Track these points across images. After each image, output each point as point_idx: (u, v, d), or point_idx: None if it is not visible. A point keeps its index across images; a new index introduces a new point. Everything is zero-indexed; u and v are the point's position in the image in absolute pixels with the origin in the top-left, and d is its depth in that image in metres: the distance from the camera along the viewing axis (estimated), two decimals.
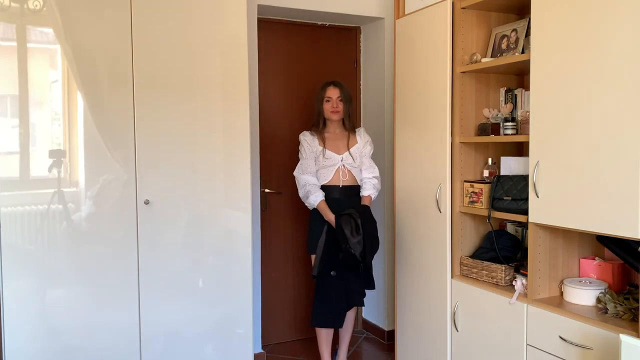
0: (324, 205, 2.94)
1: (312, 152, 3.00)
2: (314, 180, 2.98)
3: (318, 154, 3.00)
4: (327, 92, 3.02)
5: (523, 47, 2.52)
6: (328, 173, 3.00)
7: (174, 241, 2.72)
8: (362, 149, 3.05)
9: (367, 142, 3.09)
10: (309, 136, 3.04)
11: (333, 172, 2.99)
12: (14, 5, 2.41)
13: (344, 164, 3.00)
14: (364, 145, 3.07)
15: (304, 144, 3.02)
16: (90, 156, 2.55)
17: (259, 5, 3.30)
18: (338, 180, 3.00)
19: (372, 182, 3.05)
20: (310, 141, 3.02)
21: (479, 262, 2.63)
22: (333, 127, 3.06)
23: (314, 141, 3.02)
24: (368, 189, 3.04)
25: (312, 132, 3.05)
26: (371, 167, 3.07)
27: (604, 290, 2.20)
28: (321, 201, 2.94)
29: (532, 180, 2.24)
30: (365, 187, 3.04)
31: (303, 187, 2.98)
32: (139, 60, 2.61)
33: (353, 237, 2.79)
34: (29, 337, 2.49)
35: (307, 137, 3.04)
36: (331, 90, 3.02)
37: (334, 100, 3.01)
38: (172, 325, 2.73)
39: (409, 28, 3.00)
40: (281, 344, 3.72)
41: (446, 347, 2.79)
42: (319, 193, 2.95)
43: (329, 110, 3.01)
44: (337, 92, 3.01)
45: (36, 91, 2.49)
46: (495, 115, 2.69)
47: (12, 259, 2.44)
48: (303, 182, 2.98)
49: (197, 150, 2.74)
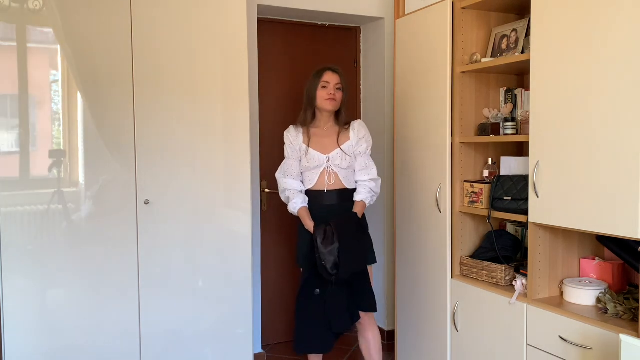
0: (304, 212, 2.61)
1: (296, 150, 2.65)
2: (295, 184, 2.65)
3: (302, 153, 2.64)
4: (324, 77, 2.61)
5: (523, 47, 2.52)
6: (312, 176, 2.62)
7: (174, 241, 2.72)
8: (355, 146, 2.64)
9: (362, 138, 2.66)
10: (293, 132, 2.68)
11: (317, 175, 2.61)
12: (14, 5, 2.41)
13: (330, 165, 2.61)
14: (358, 141, 2.64)
15: (287, 141, 2.68)
16: (90, 156, 2.55)
17: (259, 5, 3.30)
18: (323, 184, 2.62)
19: (367, 185, 2.65)
20: (294, 138, 2.66)
21: (479, 262, 2.63)
22: (324, 120, 2.67)
23: (298, 138, 2.65)
24: (361, 193, 2.64)
25: (297, 127, 2.69)
26: (366, 168, 2.66)
27: (604, 290, 2.20)
28: (301, 208, 2.61)
29: (532, 180, 2.24)
30: (358, 191, 2.65)
31: (283, 192, 2.68)
32: (139, 60, 2.61)
33: (324, 247, 2.43)
34: (29, 336, 2.49)
35: (290, 134, 2.68)
36: (329, 75, 2.62)
37: (332, 87, 2.61)
38: (172, 325, 2.73)
39: (409, 28, 3.00)
40: (281, 344, 3.72)
41: (446, 347, 2.79)
42: (299, 198, 2.62)
43: (324, 98, 2.60)
44: (337, 79, 2.63)
45: (36, 91, 2.49)
46: (495, 115, 2.69)
47: (12, 259, 2.44)
48: (283, 186, 2.67)
49: (197, 150, 2.74)
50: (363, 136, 2.66)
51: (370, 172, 2.67)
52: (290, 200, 2.64)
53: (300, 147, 2.64)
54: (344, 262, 2.44)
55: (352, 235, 2.50)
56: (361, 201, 2.64)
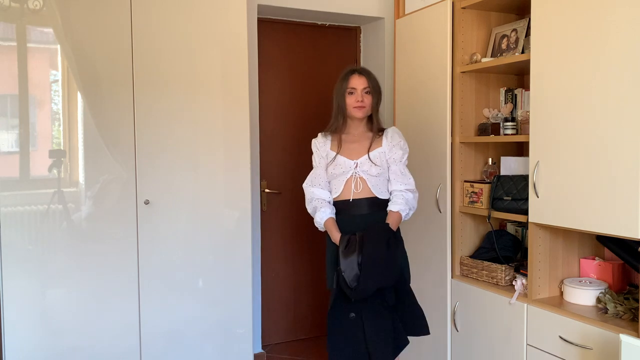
0: (331, 223, 2.33)
1: (323, 158, 2.40)
2: (323, 194, 2.38)
3: (329, 160, 2.38)
4: (350, 82, 2.34)
5: (523, 47, 2.52)
6: (338, 184, 2.36)
7: (174, 241, 2.72)
8: (388, 153, 2.37)
9: (396, 144, 2.38)
10: (320, 139, 2.44)
11: (344, 183, 2.34)
12: (14, 5, 2.41)
13: (358, 172, 2.34)
14: (391, 148, 2.37)
15: (314, 149, 2.45)
16: (90, 156, 2.55)
17: (259, 5, 3.30)
18: (349, 192, 2.34)
19: (403, 195, 2.34)
20: (321, 145, 2.42)
21: (479, 262, 2.63)
22: (354, 125, 2.41)
23: (326, 144, 2.41)
24: (397, 203, 2.32)
25: (325, 134, 2.45)
26: (402, 177, 2.37)
27: (604, 290, 2.20)
28: (329, 219, 2.33)
29: (532, 180, 2.24)
30: (394, 201, 2.34)
31: (310, 202, 2.41)
32: (139, 60, 2.61)
33: (344, 257, 2.16)
34: (29, 336, 2.48)
35: (317, 141, 2.45)
36: (355, 79, 2.35)
37: (359, 92, 2.34)
38: (172, 325, 2.73)
39: (409, 28, 3.00)
40: (281, 344, 3.72)
41: (446, 347, 2.79)
42: (326, 209, 2.35)
43: (352, 106, 2.34)
44: (364, 82, 2.34)
45: (36, 91, 2.49)
46: (495, 115, 2.69)
47: (12, 259, 2.44)
48: (310, 196, 2.41)
49: (197, 150, 2.74)
50: (397, 143, 2.38)
51: (408, 182, 2.38)
52: (317, 211, 2.36)
53: (328, 154, 2.39)
54: (365, 274, 2.13)
55: (380, 246, 2.17)
56: (396, 212, 2.32)
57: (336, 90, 2.39)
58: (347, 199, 2.34)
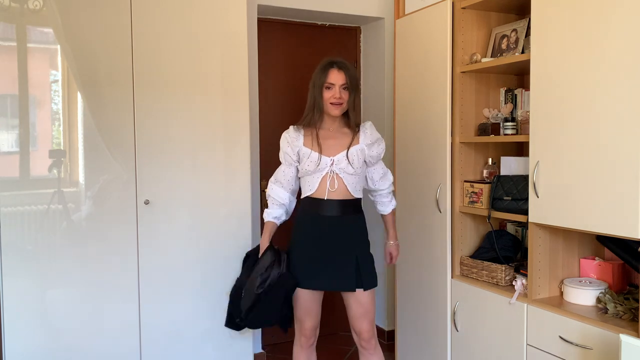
0: (270, 227, 2.42)
1: (292, 154, 2.34)
2: (281, 194, 2.40)
3: (303, 156, 2.31)
4: (329, 76, 2.26)
5: (523, 47, 2.52)
6: (313, 181, 2.30)
7: (174, 241, 2.72)
8: (367, 150, 2.33)
9: (375, 141, 2.36)
10: (292, 133, 2.35)
11: (319, 180, 2.29)
12: (14, 5, 2.41)
13: (334, 169, 2.28)
14: (371, 145, 2.34)
15: (283, 144, 2.38)
16: (90, 156, 2.55)
17: (259, 5, 3.30)
18: (323, 191, 2.29)
19: (390, 194, 2.50)
20: (292, 140, 2.34)
21: (479, 262, 2.63)
22: (330, 121, 2.35)
23: (298, 139, 2.33)
24: (391, 204, 2.49)
25: (297, 127, 2.36)
26: (385, 174, 2.46)
27: (604, 290, 2.20)
28: (272, 222, 2.41)
29: (532, 180, 2.24)
30: (384, 202, 2.48)
31: (268, 196, 2.44)
32: (139, 60, 2.61)
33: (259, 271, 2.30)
34: (29, 337, 2.49)
35: (289, 136, 2.36)
36: (334, 74, 2.26)
37: (337, 89, 2.26)
38: (172, 325, 2.73)
39: (409, 28, 3.00)
40: (281, 344, 3.72)
41: (446, 347, 2.79)
42: (276, 210, 2.41)
43: (328, 101, 2.27)
44: (343, 78, 2.26)
45: (36, 91, 2.49)
46: (495, 115, 2.69)
47: (12, 259, 2.44)
48: (269, 191, 2.43)
49: (197, 150, 2.74)
50: (376, 140, 2.37)
51: (390, 178, 2.49)
52: (268, 207, 2.43)
53: (300, 150, 2.32)
54: (260, 310, 2.30)
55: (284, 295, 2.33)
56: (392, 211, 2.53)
57: (313, 81, 2.32)
58: (322, 198, 2.30)
